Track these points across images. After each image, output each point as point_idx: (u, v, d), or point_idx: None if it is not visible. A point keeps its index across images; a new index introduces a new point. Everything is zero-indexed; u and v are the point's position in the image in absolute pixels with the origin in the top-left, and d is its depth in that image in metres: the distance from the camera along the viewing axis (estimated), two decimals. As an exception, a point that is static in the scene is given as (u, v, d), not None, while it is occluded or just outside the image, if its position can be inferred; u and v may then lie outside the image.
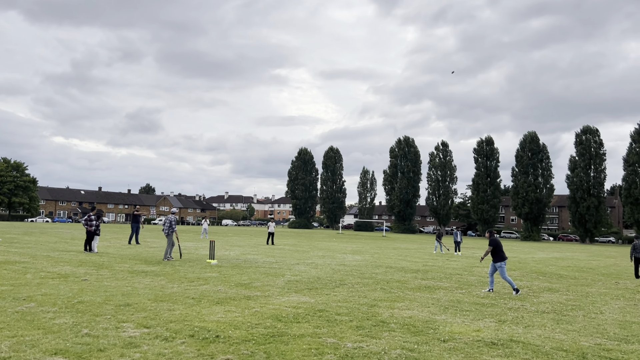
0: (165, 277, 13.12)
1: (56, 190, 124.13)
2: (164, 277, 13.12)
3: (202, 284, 11.98)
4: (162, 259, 17.59)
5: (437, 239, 30.84)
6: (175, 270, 14.60)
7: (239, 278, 13.33)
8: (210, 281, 12.57)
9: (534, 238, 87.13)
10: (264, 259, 19.63)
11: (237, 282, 12.46)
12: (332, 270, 16.08)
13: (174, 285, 11.70)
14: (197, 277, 13.34)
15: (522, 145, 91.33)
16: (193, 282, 12.25)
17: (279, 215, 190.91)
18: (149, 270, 14.51)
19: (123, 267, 15.12)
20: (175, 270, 14.60)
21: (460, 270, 18.25)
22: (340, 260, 20.78)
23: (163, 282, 12.09)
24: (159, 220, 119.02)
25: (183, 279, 12.86)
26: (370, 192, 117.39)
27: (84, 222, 19.64)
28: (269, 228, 32.02)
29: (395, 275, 15.57)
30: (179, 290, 10.86)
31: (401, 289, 12.34)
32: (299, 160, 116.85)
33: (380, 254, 26.51)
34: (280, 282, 12.70)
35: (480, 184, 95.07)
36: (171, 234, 17.94)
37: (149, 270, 14.34)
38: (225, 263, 17.29)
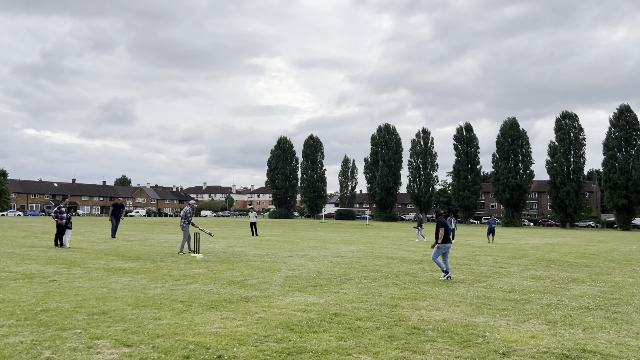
0: (146, 275, 11.55)
1: (28, 183, 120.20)
2: (145, 275, 11.55)
3: (189, 283, 10.45)
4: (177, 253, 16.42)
5: (418, 227, 29.62)
6: (157, 267, 13.01)
7: (230, 275, 11.82)
8: (198, 279, 11.04)
9: (515, 224, 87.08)
10: (254, 252, 18.13)
11: (230, 280, 10.95)
12: (331, 263, 14.65)
13: (157, 285, 10.15)
14: (182, 274, 11.79)
15: (502, 131, 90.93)
16: (179, 281, 10.71)
17: (259, 206, 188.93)
18: (128, 267, 12.90)
19: (98, 264, 13.47)
20: (157, 267, 13.01)
21: (465, 260, 17.02)
22: (335, 251, 19.38)
23: (144, 282, 10.52)
24: (135, 212, 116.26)
25: (167, 277, 11.30)
26: (351, 180, 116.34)
27: (53, 214, 17.83)
28: (250, 218, 30.43)
29: (400, 267, 14.22)
30: (163, 292, 9.31)
31: (415, 284, 10.97)
32: (279, 149, 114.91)
33: (373, 243, 25.20)
34: (278, 279, 11.24)
35: (461, 171, 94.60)
36: (186, 226, 16.47)
37: (127, 268, 12.74)
38: (212, 257, 15.75)
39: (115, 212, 24.13)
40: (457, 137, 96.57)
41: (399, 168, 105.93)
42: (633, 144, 76.89)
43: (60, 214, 17.70)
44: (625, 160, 76.17)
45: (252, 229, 29.73)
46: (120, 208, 24.53)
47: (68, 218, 17.90)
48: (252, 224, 29.96)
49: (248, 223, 50.58)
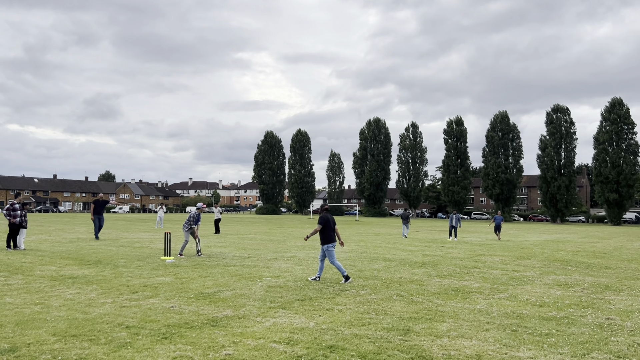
0: (99, 285, 9.53)
1: (7, 178, 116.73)
2: (98, 285, 9.53)
3: (148, 297, 8.46)
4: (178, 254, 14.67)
5: (404, 223, 27.75)
6: (116, 274, 10.99)
7: (201, 284, 9.84)
8: (161, 290, 9.05)
9: (506, 219, 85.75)
10: (234, 253, 16.14)
11: (199, 292, 8.97)
12: (320, 267, 12.71)
13: (106, 299, 8.14)
14: (143, 284, 9.79)
15: (492, 125, 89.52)
16: (136, 294, 8.71)
17: (246, 201, 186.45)
18: (80, 274, 10.86)
19: (47, 270, 11.41)
20: (116, 274, 10.99)
21: (470, 261, 15.18)
22: (325, 251, 17.43)
23: (93, 295, 8.51)
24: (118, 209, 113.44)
25: (123, 288, 9.30)
26: (339, 175, 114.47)
27: (5, 212, 15.64)
28: (215, 214, 28.22)
29: (402, 272, 12.31)
30: (110, 311, 7.31)
31: (424, 295, 9.07)
32: (266, 144, 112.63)
33: (366, 242, 23.31)
34: (258, 289, 9.28)
35: (451, 166, 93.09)
36: (187, 231, 14.64)
37: (79, 275, 10.69)
38: (185, 260, 13.73)
39: (97, 209, 21.28)
40: (447, 131, 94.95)
41: (388, 163, 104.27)
42: (624, 137, 75.80)
43: (13, 212, 15.54)
44: (616, 154, 75.08)
45: (216, 225, 27.57)
46: (103, 204, 21.74)
47: (23, 216, 15.77)
48: (216, 221, 27.83)
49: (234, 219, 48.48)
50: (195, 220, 14.94)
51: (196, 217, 14.93)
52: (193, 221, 14.85)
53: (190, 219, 14.82)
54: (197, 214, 14.99)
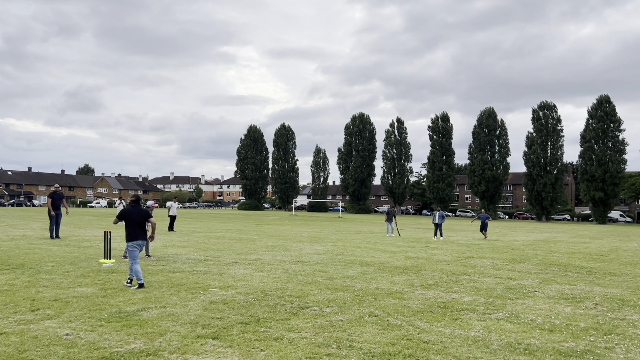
0: (4, 297, 7.56)
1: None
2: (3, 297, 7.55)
3: (47, 317, 6.50)
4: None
5: (388, 221, 25.83)
6: (31, 282, 8.98)
7: (127, 297, 7.88)
8: (70, 307, 7.09)
9: (491, 216, 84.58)
10: (191, 255, 14.17)
11: (118, 310, 7.03)
12: (285, 274, 10.80)
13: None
14: (56, 296, 7.82)
15: (479, 121, 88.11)
16: (35, 312, 6.76)
17: (229, 197, 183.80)
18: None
19: (-53, 277, 9.36)
20: (31, 282, 8.98)
21: (458, 265, 13.39)
22: (296, 253, 15.54)
23: (-25, 315, 6.54)
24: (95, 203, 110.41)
25: (25, 302, 7.32)
26: (323, 171, 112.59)
27: None
28: (170, 210, 24.57)
29: (379, 280, 10.44)
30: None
31: (404, 315, 7.21)
32: (249, 138, 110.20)
33: (345, 240, 21.44)
34: (195, 307, 7.35)
35: (436, 162, 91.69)
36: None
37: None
38: (125, 264, 11.72)
39: (56, 202, 18.71)
40: (432, 127, 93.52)
41: (373, 159, 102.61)
42: (610, 135, 74.92)
43: None
44: (602, 152, 74.15)
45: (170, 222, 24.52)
46: (60, 198, 19.36)
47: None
48: (171, 217, 24.51)
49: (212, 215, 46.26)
50: None
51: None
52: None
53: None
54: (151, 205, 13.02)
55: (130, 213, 8.96)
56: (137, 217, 8.97)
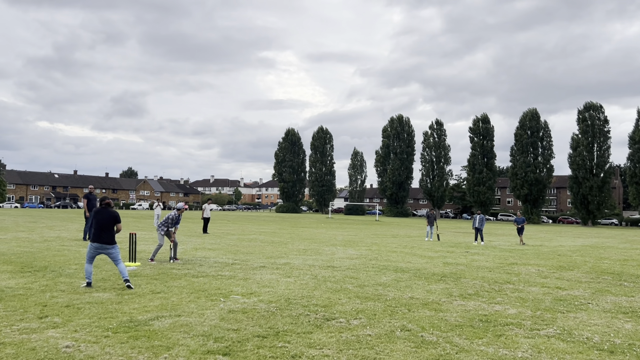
0: (8, 303, 7.19)
1: (27, 173, 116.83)
2: (7, 303, 7.19)
3: (52, 326, 6.07)
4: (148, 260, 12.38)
5: (429, 224, 24.95)
6: (49, 286, 8.63)
7: (142, 304, 7.41)
8: (79, 315, 6.65)
9: (534, 221, 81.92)
10: (219, 258, 13.70)
11: (129, 318, 6.54)
12: (313, 280, 10.16)
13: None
14: (69, 302, 7.41)
15: (521, 122, 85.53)
16: (42, 320, 6.34)
17: (267, 199, 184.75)
18: (2, 286, 8.52)
19: (-33, 280, 9.12)
20: (49, 286, 8.63)
21: (502, 273, 12.48)
22: (328, 257, 14.89)
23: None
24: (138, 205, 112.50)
25: (35, 308, 6.93)
26: (360, 174, 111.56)
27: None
28: (204, 212, 24.82)
29: (414, 288, 9.69)
30: (-32, 354, 4.94)
31: (441, 330, 6.47)
32: (287, 141, 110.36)
33: (380, 244, 20.67)
34: (212, 316, 6.79)
35: (476, 165, 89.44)
36: (162, 232, 12.36)
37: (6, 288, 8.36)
38: (150, 268, 11.32)
39: (92, 203, 18.46)
40: (472, 129, 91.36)
41: (412, 161, 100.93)
42: (662, 136, 71.41)
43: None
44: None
45: (205, 224, 24.64)
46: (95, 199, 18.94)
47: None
48: (205, 219, 24.69)
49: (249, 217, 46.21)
50: (174, 223, 12.60)
51: (175, 219, 12.59)
52: (171, 223, 12.52)
53: (167, 221, 12.47)
54: (177, 215, 12.64)
55: (96, 214, 8.86)
56: (106, 220, 8.81)
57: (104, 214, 8.86)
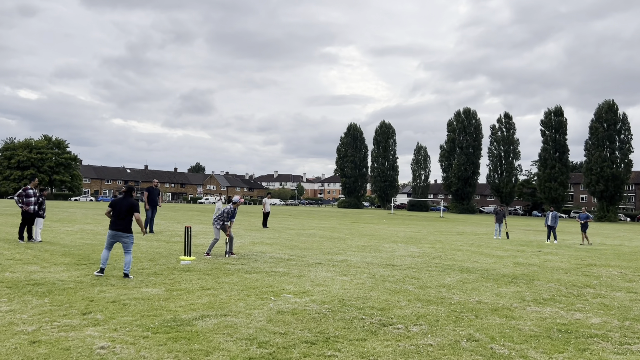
0: (56, 296, 7.06)
1: (101, 168, 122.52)
2: (55, 296, 7.06)
3: (93, 323, 5.80)
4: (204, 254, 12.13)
5: (497, 222, 23.70)
6: (101, 280, 8.49)
7: (190, 301, 7.06)
8: (123, 312, 6.37)
9: (610, 219, 77.36)
10: (275, 254, 13.34)
11: (173, 317, 6.19)
12: (370, 280, 9.54)
13: (30, 325, 5.60)
14: (116, 297, 7.18)
15: (597, 115, 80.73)
16: (85, 316, 6.09)
17: (329, 195, 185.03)
18: (52, 279, 8.44)
19: (21, 271, 9.13)
20: (101, 280, 8.49)
21: (580, 275, 11.37)
22: (388, 255, 14.20)
23: (24, 316, 6.01)
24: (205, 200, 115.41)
25: (82, 303, 6.73)
26: (424, 169, 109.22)
27: (17, 198, 13.73)
28: (265, 207, 24.99)
29: (482, 291, 8.87)
30: (3, 351, 4.70)
31: (513, 340, 5.70)
32: (348, 136, 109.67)
33: (444, 242, 19.73)
34: (259, 317, 6.32)
35: (548, 160, 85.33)
36: (218, 226, 12.15)
37: (48, 282, 8.26)
38: (204, 263, 11.05)
39: (152, 197, 18.89)
40: (544, 122, 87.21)
41: (478, 156, 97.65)
42: None
43: (26, 198, 13.62)
44: None
45: (264, 219, 24.67)
46: (157, 194, 19.21)
47: (39, 204, 13.85)
48: (265, 214, 24.73)
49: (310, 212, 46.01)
50: (230, 216, 12.34)
51: (231, 212, 12.31)
52: (227, 217, 12.26)
53: (223, 214, 12.22)
54: (233, 209, 12.37)
55: (115, 203, 9.06)
56: (124, 208, 8.95)
57: (122, 202, 9.02)
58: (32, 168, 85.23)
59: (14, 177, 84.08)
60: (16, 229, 15.67)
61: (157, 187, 19.47)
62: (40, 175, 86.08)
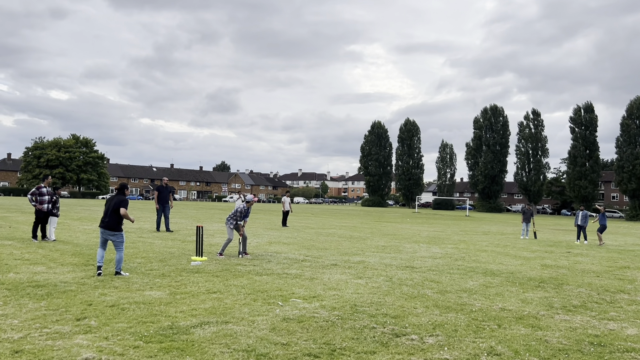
0: (54, 300, 6.76)
1: (128, 167, 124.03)
2: (54, 299, 6.76)
3: (84, 330, 5.44)
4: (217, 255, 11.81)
5: (525, 221, 22.90)
6: (104, 282, 8.18)
7: (192, 306, 6.67)
8: (121, 317, 6.01)
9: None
10: (291, 253, 12.91)
11: (171, 323, 5.80)
12: (387, 284, 9.03)
13: (18, 332, 5.26)
14: (117, 300, 6.84)
15: (629, 111, 78.21)
16: (80, 322, 5.75)
17: (353, 193, 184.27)
18: (54, 281, 8.15)
19: (26, 272, 8.88)
20: (104, 282, 8.18)
21: (613, 279, 10.66)
22: (409, 256, 13.65)
23: (15, 322, 5.68)
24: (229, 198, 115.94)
25: (80, 307, 6.40)
26: (450, 167, 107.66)
27: (30, 196, 13.60)
28: (284, 205, 24.43)
29: (506, 296, 8.28)
30: (-23, 363, 4.37)
31: (540, 356, 5.13)
32: (372, 134, 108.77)
33: (468, 242, 19.05)
34: (260, 327, 5.88)
35: (578, 157, 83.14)
36: (231, 226, 11.82)
37: (50, 283, 7.98)
38: (215, 264, 10.68)
39: (162, 196, 18.76)
40: (573, 119, 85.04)
41: (505, 154, 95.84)
42: None
43: (39, 197, 13.47)
44: None
45: (284, 218, 24.17)
46: (168, 192, 19.11)
47: (53, 202, 13.68)
48: (284, 213, 24.21)
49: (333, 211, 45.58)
50: (243, 216, 11.97)
51: (244, 211, 11.95)
52: (240, 216, 11.90)
53: (236, 214, 11.85)
54: (246, 208, 12.00)
55: (106, 200, 8.98)
56: (108, 205, 8.85)
57: (112, 199, 8.96)
58: (60, 167, 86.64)
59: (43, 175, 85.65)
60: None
61: (167, 186, 19.24)
62: (69, 174, 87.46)
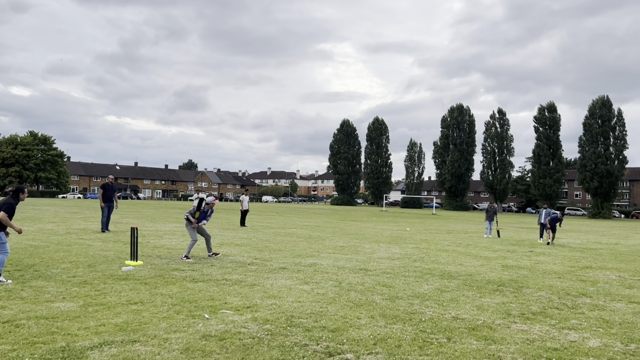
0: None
1: (90, 165, 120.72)
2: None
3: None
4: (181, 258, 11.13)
5: (488, 219, 22.61)
6: (14, 290, 7.18)
7: (101, 321, 5.77)
8: (9, 335, 5.08)
9: (604, 215, 76.59)
10: (240, 256, 12.06)
11: (60, 348, 4.90)
12: (334, 290, 8.27)
13: None
14: (14, 315, 5.88)
15: (591, 111, 79.76)
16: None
17: (323, 192, 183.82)
18: (-42, 291, 7.15)
19: None
20: (14, 290, 7.18)
21: (575, 280, 10.16)
22: (365, 257, 12.96)
23: None
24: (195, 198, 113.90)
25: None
26: (418, 166, 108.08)
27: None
28: (243, 204, 23.70)
29: (461, 302, 7.62)
30: None
31: (490, 376, 4.47)
32: (341, 133, 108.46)
33: (430, 241, 18.51)
34: (173, 348, 5.02)
35: (542, 156, 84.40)
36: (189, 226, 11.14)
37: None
38: (151, 269, 9.75)
39: (107, 194, 17.88)
40: (538, 118, 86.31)
41: (472, 153, 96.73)
42: None
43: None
44: None
45: (242, 217, 23.42)
46: (113, 190, 18.30)
47: None
48: (243, 212, 23.48)
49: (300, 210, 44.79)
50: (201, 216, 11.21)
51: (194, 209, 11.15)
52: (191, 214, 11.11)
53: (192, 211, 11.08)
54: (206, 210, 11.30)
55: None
56: None
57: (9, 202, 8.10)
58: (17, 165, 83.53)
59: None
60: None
61: (112, 184, 18.31)
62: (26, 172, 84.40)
